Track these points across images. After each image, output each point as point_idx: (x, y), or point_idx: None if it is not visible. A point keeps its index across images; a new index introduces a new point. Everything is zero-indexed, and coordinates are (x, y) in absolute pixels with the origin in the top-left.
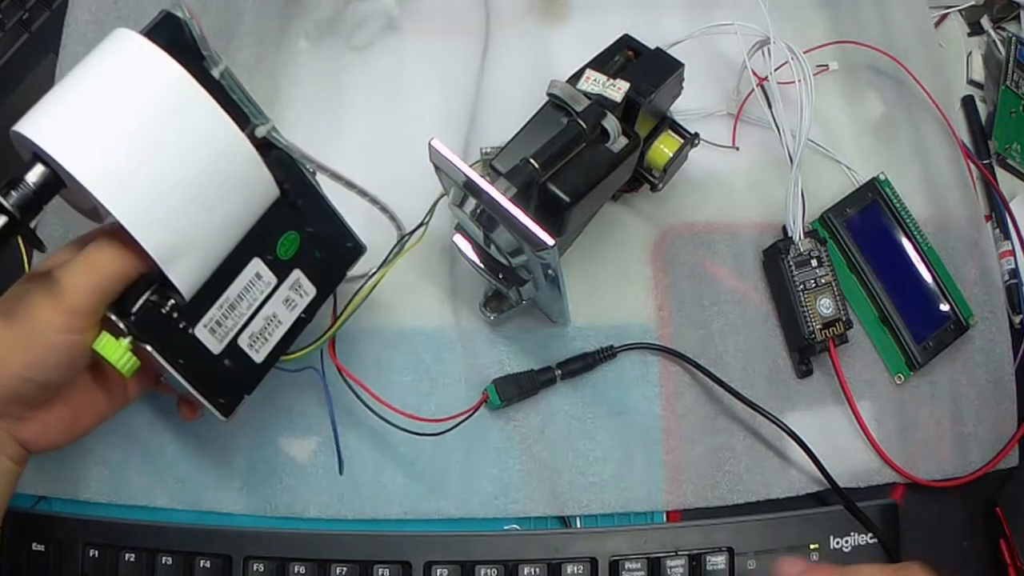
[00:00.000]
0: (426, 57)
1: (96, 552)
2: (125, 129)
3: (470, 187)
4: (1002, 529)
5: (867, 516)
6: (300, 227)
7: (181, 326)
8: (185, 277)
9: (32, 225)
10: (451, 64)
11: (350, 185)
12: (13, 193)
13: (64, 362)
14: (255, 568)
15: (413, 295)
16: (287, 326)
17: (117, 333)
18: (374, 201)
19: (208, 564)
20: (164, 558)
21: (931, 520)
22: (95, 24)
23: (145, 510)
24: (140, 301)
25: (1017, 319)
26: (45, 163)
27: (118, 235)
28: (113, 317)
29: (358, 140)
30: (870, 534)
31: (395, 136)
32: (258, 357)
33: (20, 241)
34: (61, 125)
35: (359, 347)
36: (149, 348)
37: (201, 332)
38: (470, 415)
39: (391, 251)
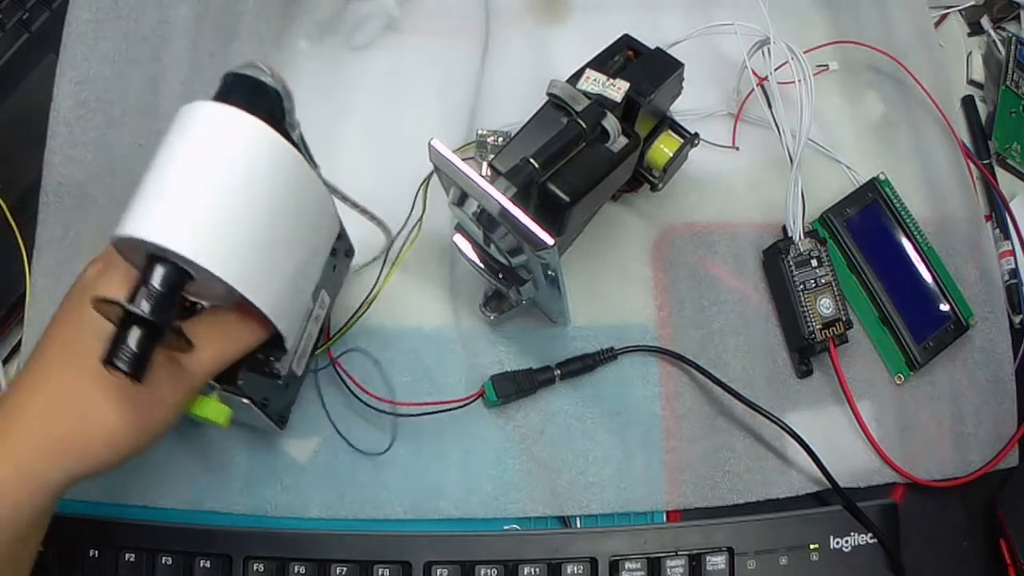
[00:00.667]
0: (426, 57)
1: (96, 552)
2: (241, 211)
3: (470, 187)
4: (1002, 529)
5: (867, 516)
6: (331, 252)
7: (269, 372)
8: (292, 339)
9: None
10: (451, 64)
11: (353, 204)
12: (145, 302)
13: (166, 429)
14: (255, 568)
15: (413, 295)
16: (315, 337)
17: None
18: (359, 207)
19: (208, 564)
20: (164, 558)
21: (931, 520)
22: (95, 24)
23: (145, 510)
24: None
25: (1017, 319)
26: (166, 261)
27: (240, 318)
28: (220, 386)
29: (358, 140)
30: (870, 534)
31: (395, 136)
32: (300, 371)
33: (20, 242)
34: (179, 220)
35: (359, 347)
36: (246, 401)
37: (278, 370)
38: (464, 404)
39: (385, 250)
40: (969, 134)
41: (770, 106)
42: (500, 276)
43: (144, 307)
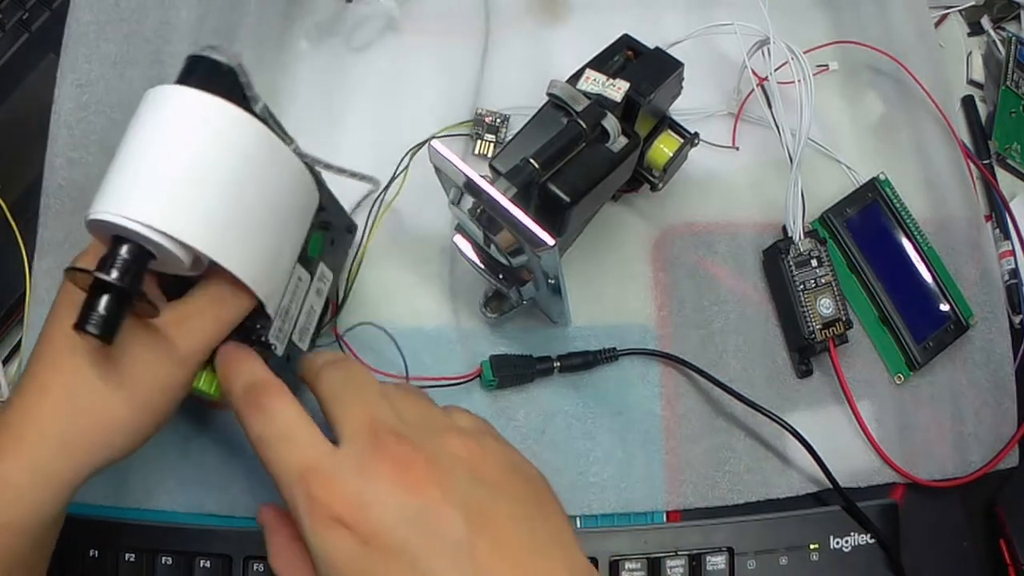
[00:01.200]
0: (426, 57)
1: (96, 552)
2: (198, 181)
3: (470, 187)
4: (1002, 529)
5: (867, 517)
6: (321, 225)
7: (261, 341)
8: (273, 305)
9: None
10: (451, 64)
11: (336, 168)
12: (113, 270)
13: (170, 411)
14: (255, 568)
15: (413, 295)
16: (319, 312)
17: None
18: (347, 172)
19: (208, 564)
20: (164, 558)
21: (931, 520)
22: (96, 25)
23: (145, 511)
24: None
25: (1017, 319)
26: (129, 241)
27: (217, 288)
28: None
29: (358, 140)
30: (870, 534)
31: (395, 136)
32: (304, 346)
33: (20, 242)
34: (130, 196)
35: (359, 347)
36: None
37: (271, 343)
38: (463, 382)
39: (378, 197)
40: (969, 134)
41: (770, 106)
42: (500, 276)
43: (112, 275)
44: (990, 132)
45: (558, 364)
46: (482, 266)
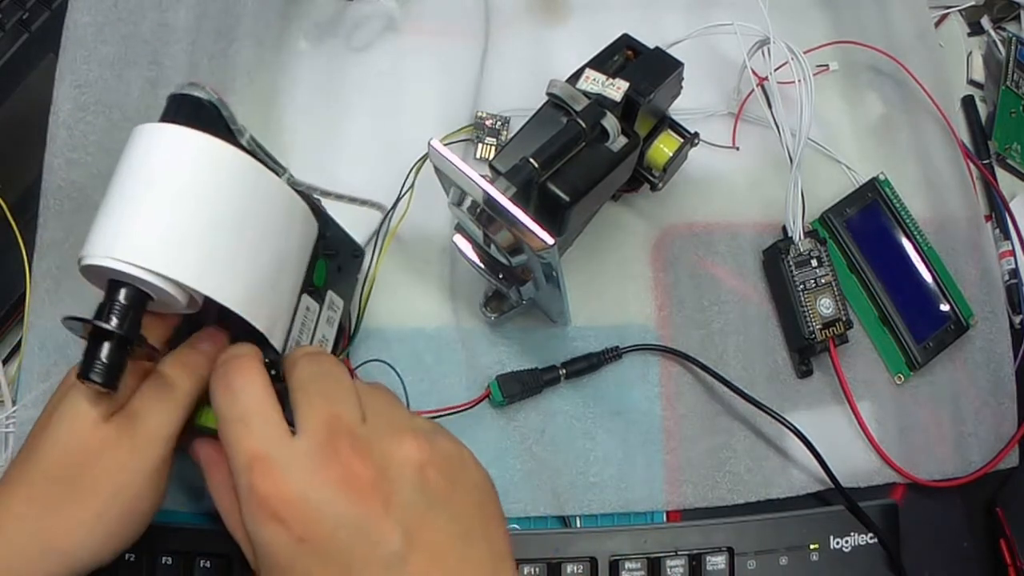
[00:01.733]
0: (426, 57)
1: None
2: (191, 219)
3: (470, 187)
4: (1002, 529)
5: (868, 516)
6: (325, 253)
7: (273, 375)
8: (279, 337)
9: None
10: (451, 64)
11: (335, 195)
12: (113, 317)
13: (171, 455)
14: None
15: (413, 296)
16: (332, 340)
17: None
18: (346, 198)
19: (208, 564)
20: (164, 558)
21: (931, 520)
22: (94, 26)
23: None
24: None
25: (1017, 319)
26: (126, 284)
27: (216, 332)
28: None
29: (358, 141)
30: (870, 534)
31: (395, 136)
32: None
33: (20, 242)
34: (125, 241)
35: (359, 348)
36: None
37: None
38: (470, 408)
39: (377, 231)
40: (969, 134)
41: (770, 106)
42: (500, 276)
43: (112, 322)
44: (990, 132)
45: (563, 372)
46: (482, 266)
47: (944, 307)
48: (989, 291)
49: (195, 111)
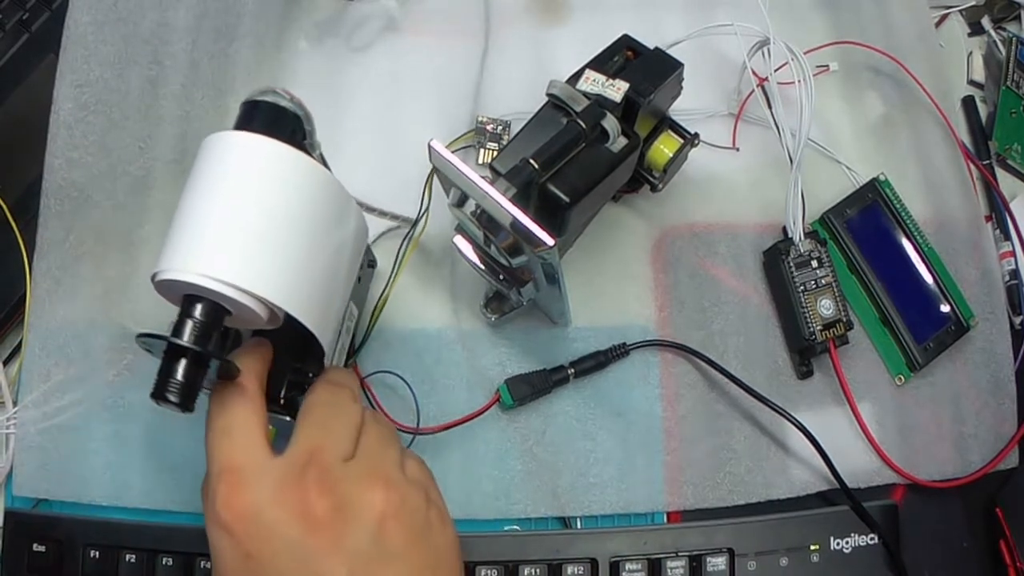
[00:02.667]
0: (426, 57)
1: (96, 552)
2: (275, 237)
3: (470, 188)
4: (1002, 529)
5: (872, 517)
6: None
7: (304, 388)
8: (331, 355)
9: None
10: (451, 64)
11: (365, 208)
12: (187, 333)
13: None
14: None
15: (414, 297)
16: (347, 348)
17: None
18: (383, 213)
19: (208, 565)
20: (164, 558)
21: (931, 521)
22: (94, 26)
23: (145, 511)
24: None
25: (1017, 320)
26: (201, 297)
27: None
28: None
29: (358, 140)
30: (871, 535)
31: (395, 136)
32: None
33: (20, 242)
34: (208, 256)
35: (360, 353)
36: (289, 419)
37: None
38: (481, 414)
39: (401, 247)
40: (969, 134)
41: (770, 106)
42: (501, 277)
43: (187, 338)
44: (990, 132)
45: (572, 371)
46: (482, 267)
47: (944, 308)
48: (989, 292)
49: (273, 119)
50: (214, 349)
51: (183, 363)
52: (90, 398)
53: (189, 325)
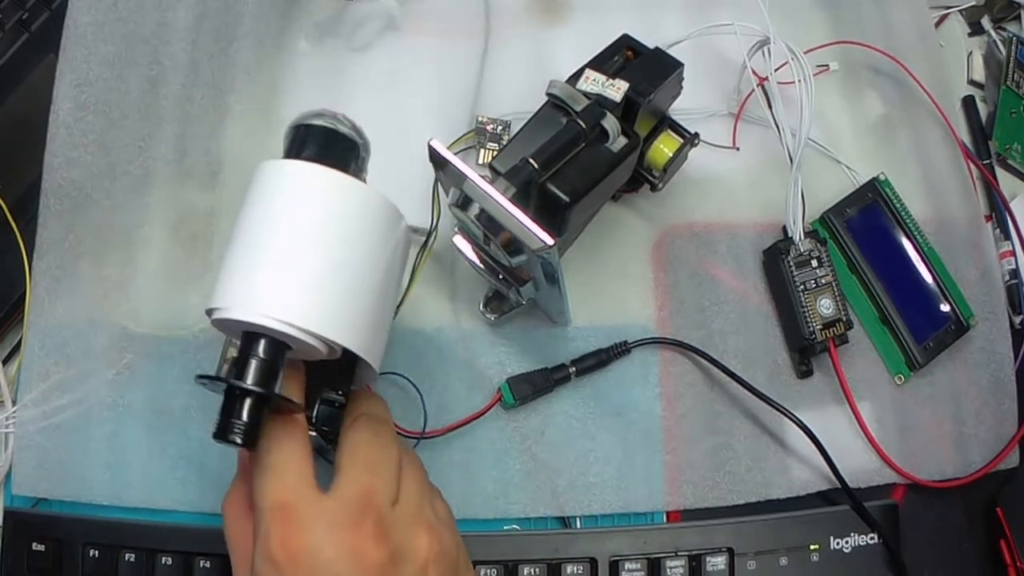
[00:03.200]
0: (426, 57)
1: (96, 552)
2: (346, 273)
3: (469, 187)
4: (1002, 529)
5: (872, 516)
6: None
7: (338, 407)
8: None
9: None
10: (451, 64)
11: None
12: (250, 375)
13: None
14: None
15: (413, 296)
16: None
17: None
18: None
19: (208, 564)
20: (164, 558)
21: (931, 521)
22: (94, 26)
23: (145, 510)
24: (318, 407)
25: (1017, 319)
26: (264, 336)
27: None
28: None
29: None
30: (871, 535)
31: (395, 136)
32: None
33: (20, 242)
34: (273, 294)
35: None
36: (313, 433)
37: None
38: (483, 414)
39: (417, 258)
40: (969, 134)
41: (770, 106)
42: (500, 277)
43: (251, 380)
44: (990, 132)
45: (573, 369)
46: (482, 266)
47: (944, 307)
48: (989, 291)
49: (328, 145)
50: (273, 386)
51: (248, 404)
52: (90, 397)
53: (253, 365)
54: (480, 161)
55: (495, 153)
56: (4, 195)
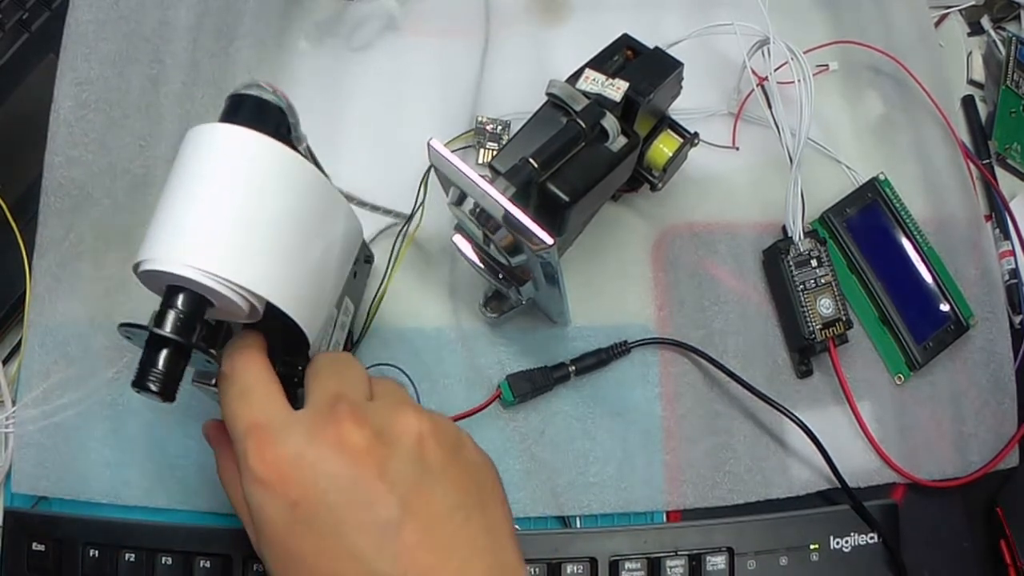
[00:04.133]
0: (426, 57)
1: (96, 552)
2: (258, 230)
3: (469, 187)
4: (1002, 529)
5: (872, 516)
6: None
7: (295, 382)
8: (316, 345)
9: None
10: (451, 64)
11: (357, 202)
12: (168, 323)
13: None
14: (255, 568)
15: (413, 296)
16: (342, 344)
17: None
18: (376, 208)
19: (208, 564)
20: (164, 558)
21: (931, 520)
22: (95, 24)
23: (145, 510)
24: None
25: (1017, 319)
26: (184, 288)
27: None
28: None
29: (358, 140)
30: (870, 534)
31: (395, 136)
32: None
33: (20, 242)
34: (192, 246)
35: (359, 348)
36: None
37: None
38: (482, 409)
39: (395, 243)
40: (969, 134)
41: (770, 106)
42: (500, 276)
43: (169, 328)
44: (990, 132)
45: (573, 368)
46: (482, 266)
47: (944, 307)
48: (989, 291)
49: (257, 112)
50: (197, 340)
51: (164, 353)
52: (90, 396)
53: (171, 315)
54: (480, 161)
55: (495, 153)
56: (4, 195)
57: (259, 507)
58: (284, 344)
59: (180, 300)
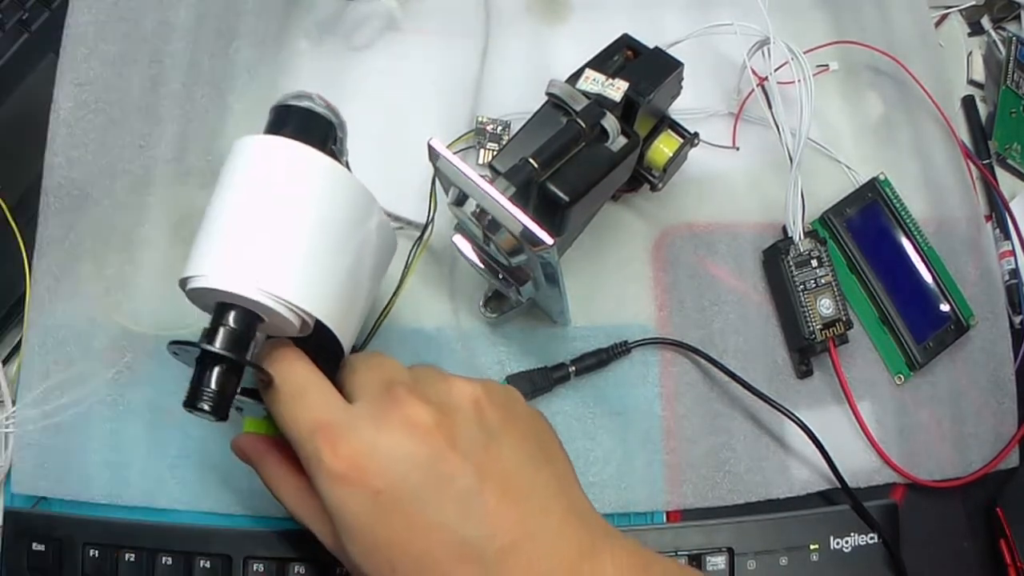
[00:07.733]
0: (426, 57)
1: (96, 552)
2: (319, 245)
3: (469, 187)
4: (1002, 529)
5: (872, 516)
6: None
7: None
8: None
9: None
10: (451, 64)
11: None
12: (220, 340)
13: None
14: (255, 568)
15: (413, 296)
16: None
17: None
18: (391, 216)
19: (208, 564)
20: (164, 558)
21: (931, 520)
22: (95, 25)
23: (146, 510)
24: None
25: (1017, 319)
26: (236, 305)
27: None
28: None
29: (358, 140)
30: (871, 534)
31: (395, 136)
32: None
33: (20, 242)
34: (245, 263)
35: (359, 348)
36: None
37: None
38: None
39: (411, 252)
40: (969, 134)
41: (770, 106)
42: (500, 276)
43: (221, 345)
44: (990, 132)
45: (573, 369)
46: (481, 266)
47: (944, 307)
48: (989, 291)
49: (305, 123)
50: (251, 358)
51: (217, 371)
52: (90, 396)
53: (223, 333)
54: (480, 161)
55: (495, 153)
56: (4, 195)
57: (341, 503)
58: (315, 353)
59: (232, 317)
